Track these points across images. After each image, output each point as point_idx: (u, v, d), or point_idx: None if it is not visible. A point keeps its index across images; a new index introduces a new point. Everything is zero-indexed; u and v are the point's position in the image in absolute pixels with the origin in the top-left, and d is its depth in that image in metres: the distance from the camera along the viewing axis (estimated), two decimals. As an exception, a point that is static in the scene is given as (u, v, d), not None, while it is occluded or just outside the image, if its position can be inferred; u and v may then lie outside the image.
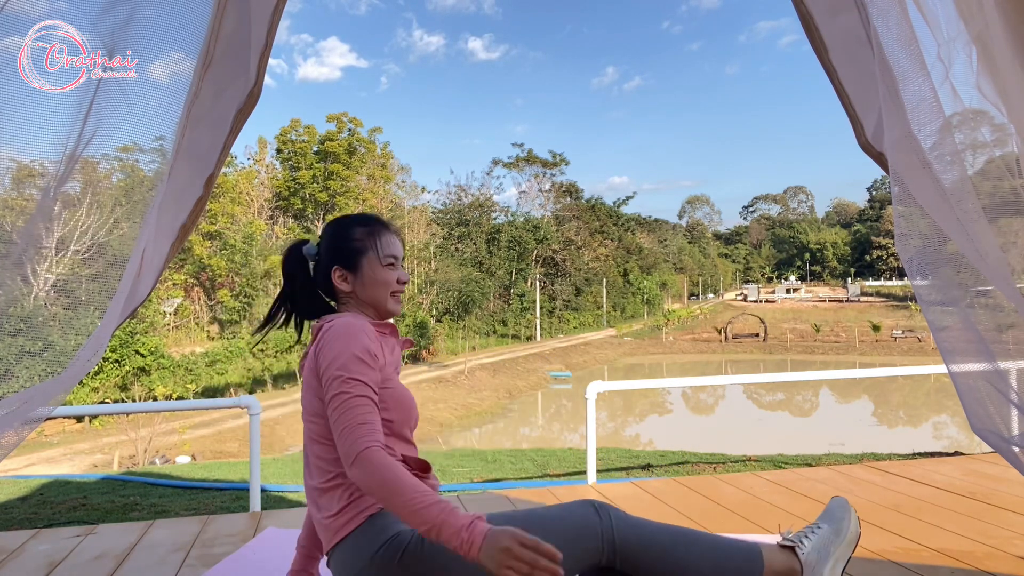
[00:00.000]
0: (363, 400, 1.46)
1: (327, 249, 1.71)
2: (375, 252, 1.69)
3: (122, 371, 24.39)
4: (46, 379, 1.60)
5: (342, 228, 1.73)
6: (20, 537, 2.83)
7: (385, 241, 1.71)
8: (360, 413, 1.44)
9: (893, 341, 48.99)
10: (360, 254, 1.69)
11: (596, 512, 1.56)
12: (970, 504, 2.96)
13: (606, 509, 1.57)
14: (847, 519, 1.72)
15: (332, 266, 1.68)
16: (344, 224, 1.74)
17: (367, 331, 1.56)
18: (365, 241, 1.70)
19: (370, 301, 1.70)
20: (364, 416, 1.44)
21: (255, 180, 43.40)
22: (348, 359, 1.49)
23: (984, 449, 4.77)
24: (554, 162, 61.04)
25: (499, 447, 17.11)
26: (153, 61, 1.59)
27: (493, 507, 3.07)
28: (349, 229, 1.71)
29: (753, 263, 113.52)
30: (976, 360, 1.52)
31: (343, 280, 1.69)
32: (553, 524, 1.51)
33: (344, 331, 1.53)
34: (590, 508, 1.57)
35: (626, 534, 1.53)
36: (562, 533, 1.49)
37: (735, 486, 3.36)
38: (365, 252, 1.69)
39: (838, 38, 1.73)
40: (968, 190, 1.48)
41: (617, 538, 1.53)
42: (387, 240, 1.72)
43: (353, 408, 1.44)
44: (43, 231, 1.60)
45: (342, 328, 1.54)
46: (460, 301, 42.47)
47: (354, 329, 1.54)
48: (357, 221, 1.73)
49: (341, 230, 1.72)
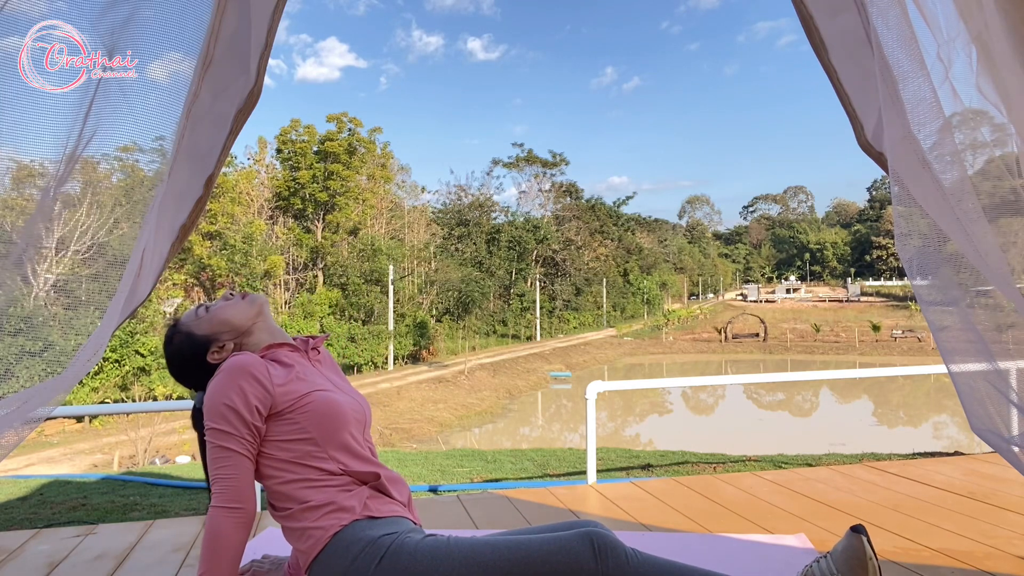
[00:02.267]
0: (224, 452, 1.50)
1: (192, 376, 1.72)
2: (217, 331, 1.70)
3: (122, 371, 24.37)
4: (46, 379, 1.60)
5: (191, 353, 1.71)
6: (20, 537, 2.83)
7: (212, 312, 1.73)
8: (217, 467, 1.50)
9: (893, 341, 49.00)
10: (209, 345, 1.69)
11: (594, 554, 1.38)
12: (970, 504, 2.96)
13: (606, 550, 1.39)
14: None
15: (206, 372, 1.67)
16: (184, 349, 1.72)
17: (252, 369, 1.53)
18: (202, 337, 1.70)
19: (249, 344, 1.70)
20: (220, 471, 1.50)
21: (255, 180, 43.36)
22: (217, 409, 1.51)
23: (984, 449, 4.77)
24: (554, 162, 61.06)
25: (499, 447, 17.11)
26: (153, 61, 1.59)
27: (493, 507, 3.07)
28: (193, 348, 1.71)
29: (753, 263, 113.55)
30: (976, 360, 1.52)
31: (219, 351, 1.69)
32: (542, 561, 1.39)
33: (220, 378, 1.54)
34: (588, 548, 1.39)
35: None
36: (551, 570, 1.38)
37: (735, 486, 3.36)
38: (212, 342, 1.69)
39: (838, 38, 1.73)
40: (968, 190, 1.48)
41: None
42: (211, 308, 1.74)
43: (214, 460, 1.51)
44: (43, 231, 1.60)
45: (221, 374, 1.55)
46: (460, 301, 42.47)
47: (232, 374, 1.53)
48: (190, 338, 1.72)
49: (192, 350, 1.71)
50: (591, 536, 1.41)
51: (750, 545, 2.44)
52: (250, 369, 1.53)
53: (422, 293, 42.17)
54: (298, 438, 1.54)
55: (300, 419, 1.54)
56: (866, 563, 1.53)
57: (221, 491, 1.47)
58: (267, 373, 1.55)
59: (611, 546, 1.40)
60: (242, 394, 1.50)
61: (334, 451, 1.56)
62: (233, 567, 1.46)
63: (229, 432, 1.49)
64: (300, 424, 1.54)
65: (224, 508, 1.46)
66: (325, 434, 1.55)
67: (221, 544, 1.45)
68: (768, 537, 2.53)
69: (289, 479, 1.54)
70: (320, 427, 1.55)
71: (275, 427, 1.55)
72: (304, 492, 1.53)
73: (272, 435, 1.55)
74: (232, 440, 1.49)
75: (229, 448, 1.49)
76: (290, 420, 1.54)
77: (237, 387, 1.51)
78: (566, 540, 1.42)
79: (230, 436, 1.49)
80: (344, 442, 1.58)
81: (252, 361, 1.55)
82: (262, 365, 1.56)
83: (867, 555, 1.53)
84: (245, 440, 1.51)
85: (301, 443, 1.54)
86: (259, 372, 1.54)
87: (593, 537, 1.41)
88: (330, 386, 1.66)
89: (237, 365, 1.53)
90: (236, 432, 1.50)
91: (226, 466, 1.49)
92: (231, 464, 1.49)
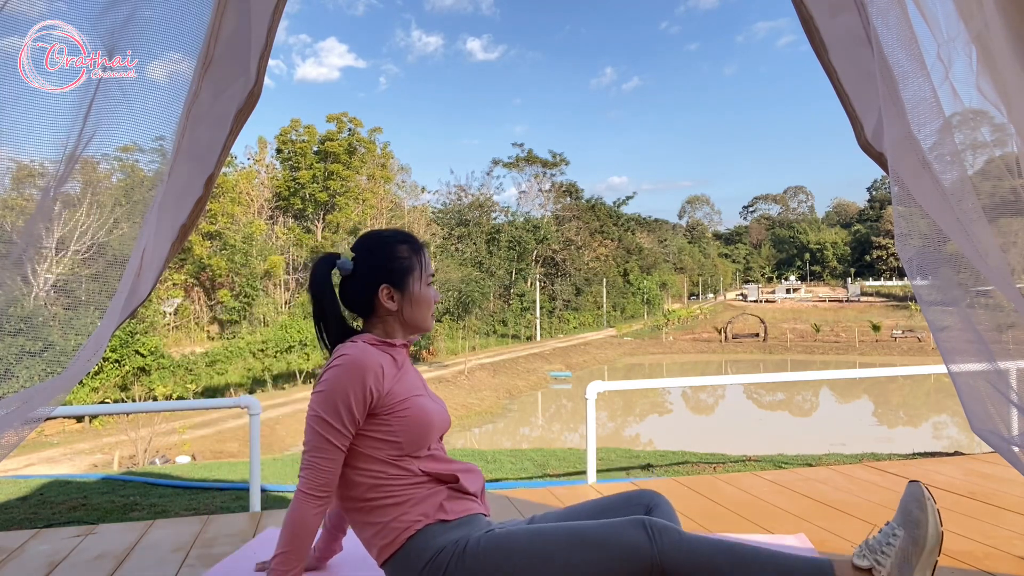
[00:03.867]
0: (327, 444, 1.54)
1: (372, 266, 1.67)
2: (421, 271, 1.69)
3: (122, 371, 24.37)
4: (46, 379, 1.60)
5: (386, 245, 1.70)
6: (20, 537, 2.83)
7: (427, 259, 1.72)
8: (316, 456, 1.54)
9: (893, 341, 48.98)
10: (408, 272, 1.67)
11: (648, 535, 1.47)
12: (970, 504, 2.96)
13: (659, 531, 1.48)
14: (925, 520, 1.53)
15: (379, 284, 1.66)
16: (387, 241, 1.71)
17: (369, 373, 1.56)
18: (412, 259, 1.68)
19: (413, 320, 1.70)
20: (318, 460, 1.54)
21: (255, 180, 43.38)
22: (332, 402, 1.54)
23: (984, 449, 4.77)
24: (554, 162, 61.00)
25: (499, 447, 17.12)
26: (153, 61, 1.59)
27: (493, 507, 3.06)
28: (393, 246, 1.69)
29: (753, 263, 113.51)
30: (976, 360, 1.52)
31: (390, 299, 1.66)
32: (600, 547, 1.48)
33: (344, 372, 1.55)
34: (641, 530, 1.48)
35: (678, 559, 1.45)
36: (608, 556, 1.47)
37: (735, 486, 3.36)
38: (412, 271, 1.68)
39: (838, 38, 1.73)
40: (968, 190, 1.48)
41: (668, 563, 1.45)
42: (428, 259, 1.72)
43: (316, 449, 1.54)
44: (43, 231, 1.60)
45: (345, 367, 1.56)
46: (460, 301, 42.44)
47: (356, 372, 1.55)
48: (398, 238, 1.71)
49: (385, 247, 1.69)
50: (643, 521, 1.50)
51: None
52: (371, 369, 1.57)
53: (422, 293, 42.07)
54: (387, 439, 1.60)
55: (394, 423, 1.59)
56: (924, 503, 1.54)
57: (313, 479, 1.54)
58: (382, 374, 1.59)
59: (664, 527, 1.49)
60: (359, 393, 1.55)
61: (417, 456, 1.62)
62: (308, 549, 1.56)
63: (337, 428, 1.54)
64: (392, 427, 1.59)
65: (313, 496, 1.53)
66: (412, 440, 1.61)
67: (303, 528, 1.53)
68: (768, 537, 2.53)
69: (370, 475, 1.60)
70: (409, 433, 1.60)
71: (369, 425, 1.60)
72: (383, 490, 1.59)
73: (364, 430, 1.60)
74: (338, 435, 1.55)
75: (332, 442, 1.55)
76: (384, 422, 1.59)
77: (356, 385, 1.55)
78: (621, 525, 1.51)
79: (337, 432, 1.55)
80: (424, 451, 1.64)
81: (374, 363, 1.58)
82: (379, 366, 1.59)
83: (924, 496, 1.55)
84: (347, 437, 1.57)
85: (388, 445, 1.60)
86: (377, 373, 1.58)
87: (645, 521, 1.50)
88: (423, 391, 1.71)
89: (359, 363, 1.56)
90: (343, 429, 1.55)
91: (325, 458, 1.54)
92: (330, 457, 1.55)
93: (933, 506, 1.55)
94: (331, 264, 1.69)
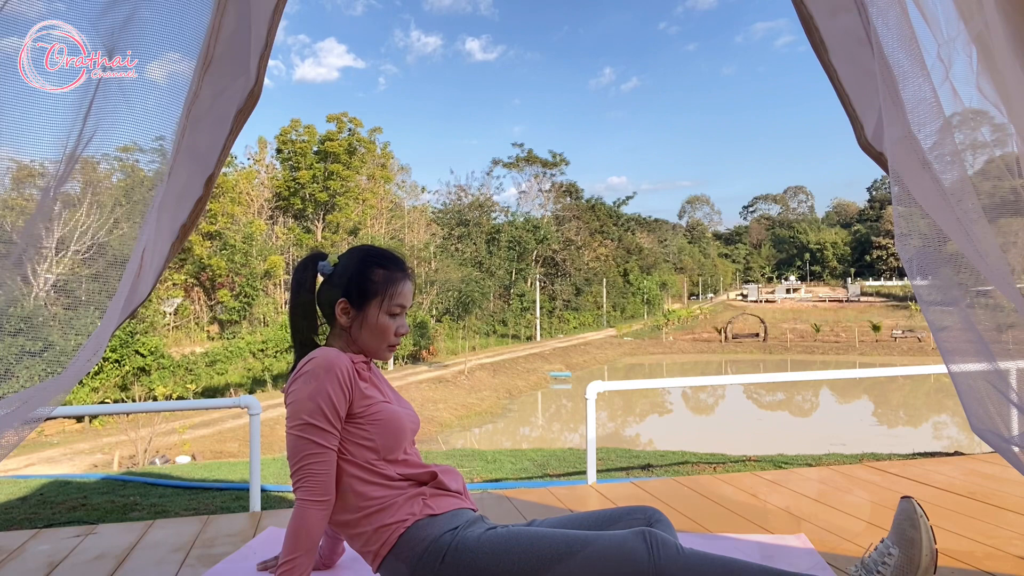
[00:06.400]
0: (316, 447, 1.55)
1: (340, 276, 1.70)
2: (384, 299, 1.69)
3: (122, 371, 24.37)
4: (46, 379, 1.60)
5: (362, 261, 1.71)
6: (20, 537, 2.83)
7: (399, 290, 1.70)
8: (309, 462, 1.54)
9: (893, 341, 48.96)
10: (369, 296, 1.68)
11: (647, 547, 1.47)
12: (970, 504, 2.96)
13: (659, 544, 1.48)
14: (919, 539, 1.58)
15: (338, 297, 1.68)
16: (367, 258, 1.72)
17: (341, 372, 1.57)
18: (380, 285, 1.69)
19: (362, 342, 1.71)
20: (311, 465, 1.54)
21: (255, 180, 43.38)
22: (310, 405, 1.55)
23: (984, 449, 4.77)
24: (554, 162, 60.99)
25: (499, 447, 17.12)
26: (153, 61, 1.59)
27: (493, 507, 3.07)
28: (369, 266, 1.70)
29: (753, 263, 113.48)
30: (976, 360, 1.52)
31: (344, 314, 1.69)
32: (600, 554, 1.49)
33: (314, 376, 1.56)
34: (642, 542, 1.48)
35: (675, 574, 1.45)
36: (607, 564, 1.47)
37: (735, 486, 3.36)
38: (374, 296, 1.68)
39: (838, 38, 1.73)
40: (968, 190, 1.48)
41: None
42: (402, 289, 1.71)
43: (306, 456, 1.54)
44: (43, 231, 1.60)
45: (315, 371, 1.57)
46: (460, 301, 42.43)
47: (327, 373, 1.56)
48: (379, 261, 1.72)
49: (361, 263, 1.71)
50: (644, 533, 1.50)
51: (750, 545, 2.44)
52: (342, 367, 1.58)
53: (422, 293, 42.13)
54: (363, 445, 1.62)
55: (368, 427, 1.62)
56: (917, 521, 1.60)
57: (312, 485, 1.54)
58: (353, 372, 1.61)
59: (664, 540, 1.49)
60: (336, 389, 1.56)
61: (392, 460, 1.64)
62: (314, 555, 1.55)
63: (323, 428, 1.55)
64: (367, 432, 1.62)
65: (315, 502, 1.53)
66: (387, 443, 1.63)
67: (308, 534, 1.53)
68: (768, 537, 2.53)
69: (351, 486, 1.61)
70: (383, 437, 1.62)
71: (346, 430, 1.62)
72: (366, 499, 1.61)
73: (342, 437, 1.62)
74: (325, 436, 1.56)
75: (321, 444, 1.55)
76: (359, 426, 1.61)
77: (332, 383, 1.56)
78: (622, 537, 1.51)
79: (323, 432, 1.56)
80: (398, 455, 1.66)
81: (342, 362, 1.59)
82: (347, 366, 1.61)
83: (916, 513, 1.61)
84: (335, 436, 1.58)
85: (365, 450, 1.62)
86: (349, 370, 1.60)
87: (647, 533, 1.50)
88: (392, 398, 1.74)
89: (329, 362, 1.58)
90: (329, 428, 1.56)
91: (318, 461, 1.55)
92: (323, 460, 1.56)
93: (926, 523, 1.61)
94: (316, 262, 1.74)
